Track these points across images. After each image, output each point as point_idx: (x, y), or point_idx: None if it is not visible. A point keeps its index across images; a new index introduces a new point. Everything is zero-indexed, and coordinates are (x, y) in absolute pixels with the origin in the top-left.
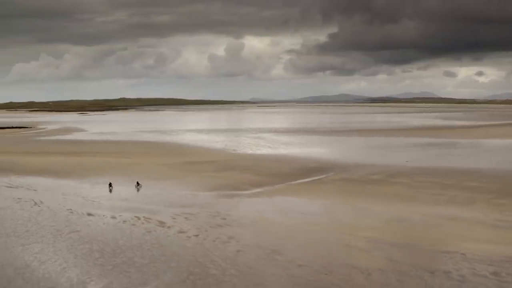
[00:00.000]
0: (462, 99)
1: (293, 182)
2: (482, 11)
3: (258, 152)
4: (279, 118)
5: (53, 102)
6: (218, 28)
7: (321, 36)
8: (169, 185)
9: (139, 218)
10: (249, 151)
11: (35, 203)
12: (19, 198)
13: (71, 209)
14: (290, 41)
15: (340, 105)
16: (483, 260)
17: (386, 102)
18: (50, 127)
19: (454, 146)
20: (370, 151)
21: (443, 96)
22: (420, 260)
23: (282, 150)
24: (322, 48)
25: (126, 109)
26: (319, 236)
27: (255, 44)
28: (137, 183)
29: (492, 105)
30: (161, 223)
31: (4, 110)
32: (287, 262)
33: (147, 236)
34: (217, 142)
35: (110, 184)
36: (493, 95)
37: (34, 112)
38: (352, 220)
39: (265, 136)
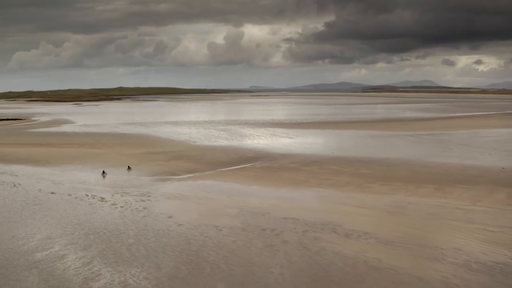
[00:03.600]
0: (460, 88)
1: (222, 169)
2: (475, 1)
3: (213, 143)
4: (259, 110)
5: (51, 91)
6: (217, 17)
7: (317, 25)
8: (123, 171)
9: (87, 195)
10: (206, 143)
11: (14, 185)
12: (2, 181)
13: (40, 189)
14: (288, 29)
15: (335, 95)
16: (306, 222)
17: (384, 91)
18: (42, 119)
19: (390, 138)
20: (312, 142)
21: (443, 85)
22: (263, 223)
23: (235, 142)
24: (320, 37)
25: (120, 99)
26: (208, 207)
27: (254, 32)
28: (128, 167)
29: (483, 95)
30: (102, 199)
31: (3, 100)
32: (173, 223)
33: (88, 207)
34: (184, 134)
35: (103, 172)
36: (492, 83)
37: (32, 102)
38: (241, 197)
39: (232, 128)
